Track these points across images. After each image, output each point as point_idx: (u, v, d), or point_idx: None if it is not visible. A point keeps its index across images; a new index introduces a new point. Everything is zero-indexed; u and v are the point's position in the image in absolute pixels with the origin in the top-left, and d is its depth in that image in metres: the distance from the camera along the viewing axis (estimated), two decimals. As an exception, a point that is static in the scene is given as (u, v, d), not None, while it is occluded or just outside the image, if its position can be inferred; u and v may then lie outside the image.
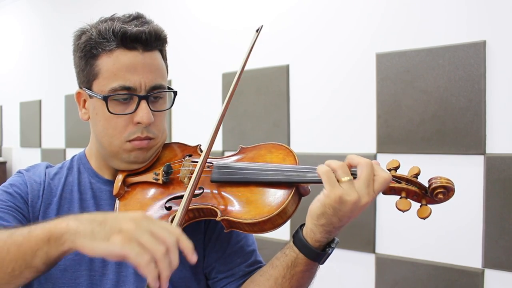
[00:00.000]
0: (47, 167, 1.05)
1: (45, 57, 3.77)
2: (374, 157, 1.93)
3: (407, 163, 1.89)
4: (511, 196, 1.64)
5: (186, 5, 2.71)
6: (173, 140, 2.02)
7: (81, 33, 0.98)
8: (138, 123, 0.95)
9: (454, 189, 0.82)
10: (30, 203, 0.97)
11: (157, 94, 0.98)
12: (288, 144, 2.22)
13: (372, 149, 1.95)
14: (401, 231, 1.89)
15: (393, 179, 0.83)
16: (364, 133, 1.98)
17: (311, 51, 2.17)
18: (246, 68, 1.08)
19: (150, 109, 0.95)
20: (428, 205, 0.83)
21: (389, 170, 0.85)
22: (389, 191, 0.84)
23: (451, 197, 0.83)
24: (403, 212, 0.81)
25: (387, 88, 1.91)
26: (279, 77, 2.26)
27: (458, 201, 1.73)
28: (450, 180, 0.82)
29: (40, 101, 3.78)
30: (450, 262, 1.77)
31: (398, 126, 1.87)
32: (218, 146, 2.45)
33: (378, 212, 1.95)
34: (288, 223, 0.89)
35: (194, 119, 2.61)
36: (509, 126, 1.65)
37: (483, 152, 1.69)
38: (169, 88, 1.01)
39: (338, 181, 0.80)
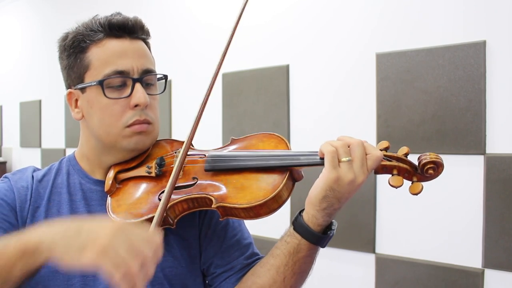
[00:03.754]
0: (34, 171, 1.04)
1: (45, 57, 3.76)
2: (374, 157, 1.93)
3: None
4: (511, 196, 1.64)
5: (185, 4, 2.71)
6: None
7: (66, 34, 0.99)
8: (136, 105, 0.95)
9: (443, 164, 0.84)
10: (18, 209, 0.96)
11: (149, 80, 0.99)
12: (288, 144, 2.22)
13: (372, 149, 1.95)
14: (401, 231, 1.89)
15: (384, 158, 0.86)
16: (364, 133, 1.98)
17: (311, 51, 2.17)
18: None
19: None
20: (420, 182, 0.86)
21: (380, 150, 0.88)
22: (381, 169, 0.87)
23: (440, 172, 0.85)
24: (396, 188, 0.84)
25: (387, 88, 1.91)
26: (279, 77, 2.26)
27: (458, 201, 1.74)
28: (439, 156, 0.85)
29: (40, 101, 3.78)
30: (450, 262, 1.77)
31: (398, 126, 1.87)
32: (218, 146, 2.45)
33: (378, 212, 1.95)
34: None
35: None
36: (509, 126, 1.65)
37: (483, 152, 1.69)
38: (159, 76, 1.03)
39: (338, 162, 0.83)
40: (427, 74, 1.80)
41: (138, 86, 0.95)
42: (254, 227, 0.93)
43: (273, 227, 0.93)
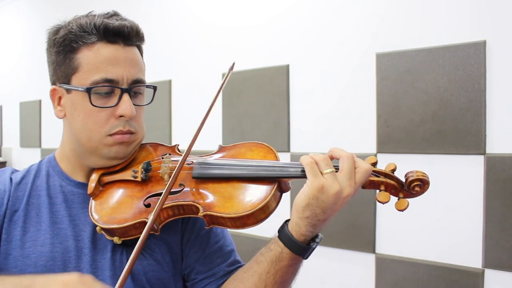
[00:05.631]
0: (12, 173, 1.02)
1: (45, 57, 3.76)
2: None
3: (407, 163, 1.89)
4: (511, 196, 1.64)
5: (186, 4, 2.71)
6: (173, 141, 2.02)
7: (58, 28, 0.97)
8: (121, 116, 0.93)
9: (429, 182, 0.85)
10: None
11: (137, 90, 0.97)
12: (288, 144, 2.22)
13: (372, 149, 1.95)
14: (401, 231, 1.89)
15: (372, 173, 0.87)
16: (364, 133, 1.98)
17: (311, 51, 2.17)
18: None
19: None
20: (406, 198, 0.87)
21: None
22: (368, 185, 0.87)
23: (426, 190, 0.86)
24: (383, 204, 0.86)
25: (387, 88, 1.91)
26: (279, 77, 2.26)
27: (458, 201, 1.74)
28: (425, 174, 0.86)
29: (40, 101, 3.78)
30: (450, 262, 1.77)
31: (398, 126, 1.87)
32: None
33: (378, 212, 1.95)
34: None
35: (193, 119, 2.61)
36: (509, 126, 1.65)
37: (483, 152, 1.69)
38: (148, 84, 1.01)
39: (321, 173, 0.83)
40: (427, 74, 1.80)
41: (125, 97, 0.93)
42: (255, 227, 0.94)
43: (273, 227, 0.93)
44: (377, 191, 0.87)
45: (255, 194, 0.88)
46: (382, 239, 1.94)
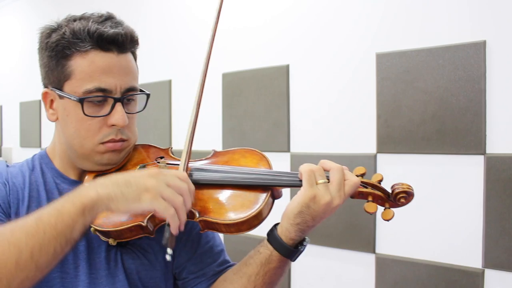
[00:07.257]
0: (7, 166, 1.02)
1: (45, 57, 3.76)
2: (374, 157, 1.93)
3: (407, 163, 1.89)
4: (511, 196, 1.64)
5: (186, 4, 2.71)
6: (173, 141, 2.03)
7: (51, 31, 0.97)
8: (113, 125, 0.94)
9: (413, 194, 0.91)
10: (3, 205, 0.94)
11: (130, 97, 0.97)
12: (288, 144, 2.22)
13: (372, 149, 1.95)
14: (401, 231, 1.89)
15: (361, 184, 0.92)
16: (364, 133, 1.98)
17: (311, 51, 2.17)
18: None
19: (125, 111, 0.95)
20: (391, 208, 0.92)
21: (357, 176, 0.92)
22: (357, 195, 0.92)
23: (410, 201, 0.92)
24: (371, 214, 0.92)
25: (387, 88, 1.91)
26: (279, 77, 2.26)
27: (458, 201, 1.74)
28: (410, 186, 0.92)
29: (40, 101, 3.78)
30: (450, 262, 1.77)
31: (398, 126, 1.87)
32: (218, 146, 2.45)
33: (378, 212, 1.95)
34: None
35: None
36: (509, 126, 1.65)
37: (483, 152, 1.69)
38: (142, 90, 1.01)
39: (315, 183, 0.88)
40: (427, 74, 1.80)
41: (118, 106, 0.94)
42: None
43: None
44: (365, 201, 0.92)
45: (249, 201, 0.91)
46: (382, 239, 1.94)
